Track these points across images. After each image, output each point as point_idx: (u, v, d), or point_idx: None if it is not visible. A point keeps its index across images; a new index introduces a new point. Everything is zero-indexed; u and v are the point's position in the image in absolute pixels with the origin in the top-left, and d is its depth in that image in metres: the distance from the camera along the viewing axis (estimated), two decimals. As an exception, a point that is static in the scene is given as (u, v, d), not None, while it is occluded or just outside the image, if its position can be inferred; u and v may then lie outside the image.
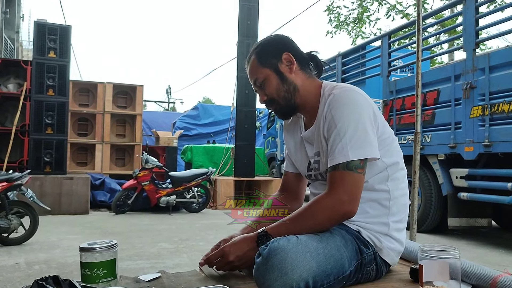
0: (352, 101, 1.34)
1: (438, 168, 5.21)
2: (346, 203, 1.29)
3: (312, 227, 1.31)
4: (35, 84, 6.78)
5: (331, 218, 1.31)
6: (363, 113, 1.33)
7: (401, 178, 1.47)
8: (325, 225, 1.33)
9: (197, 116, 14.66)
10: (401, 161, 1.48)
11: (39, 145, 6.71)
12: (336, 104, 1.35)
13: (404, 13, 16.08)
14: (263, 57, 1.49)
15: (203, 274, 1.48)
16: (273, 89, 1.48)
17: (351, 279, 1.32)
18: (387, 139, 1.42)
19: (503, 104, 4.32)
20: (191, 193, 7.30)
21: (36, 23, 6.93)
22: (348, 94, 1.36)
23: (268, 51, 1.49)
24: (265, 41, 1.53)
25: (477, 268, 1.30)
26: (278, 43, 1.51)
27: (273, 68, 1.47)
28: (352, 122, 1.31)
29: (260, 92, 1.52)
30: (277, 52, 1.48)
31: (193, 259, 3.76)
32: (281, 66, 1.47)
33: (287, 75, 1.48)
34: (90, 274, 1.23)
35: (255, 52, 1.51)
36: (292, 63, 1.48)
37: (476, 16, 4.81)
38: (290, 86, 1.47)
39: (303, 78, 1.49)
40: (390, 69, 6.26)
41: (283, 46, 1.50)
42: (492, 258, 4.15)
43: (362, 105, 1.35)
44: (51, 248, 4.13)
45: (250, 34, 8.13)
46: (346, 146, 1.29)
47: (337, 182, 1.31)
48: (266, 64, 1.48)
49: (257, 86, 1.52)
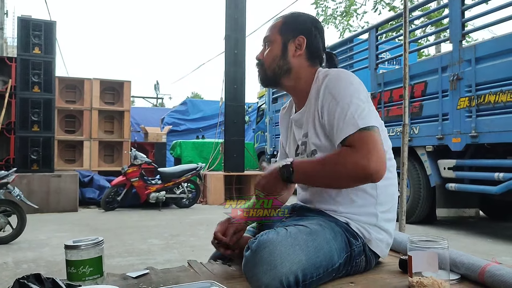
0: (348, 79, 1.36)
1: (426, 160, 5.25)
2: (375, 162, 1.21)
3: (330, 182, 1.31)
4: (20, 81, 6.67)
5: (355, 177, 1.24)
6: (360, 88, 1.35)
7: (389, 167, 1.42)
8: (343, 182, 1.30)
9: (185, 111, 14.60)
10: (389, 151, 1.46)
11: (26, 142, 6.62)
12: (334, 81, 1.37)
13: (391, 6, 16.12)
14: (285, 25, 1.52)
15: (192, 269, 1.47)
16: (270, 56, 1.52)
17: (341, 271, 1.31)
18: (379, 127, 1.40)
19: (489, 95, 4.36)
20: (180, 189, 7.28)
21: (20, 19, 6.83)
22: (343, 73, 1.39)
23: (292, 25, 1.52)
24: (299, 16, 1.55)
25: (466, 257, 1.30)
26: (305, 25, 1.52)
27: (283, 40, 1.51)
28: (354, 94, 1.31)
29: (261, 50, 1.56)
30: (297, 31, 1.50)
31: (184, 254, 3.75)
32: (290, 44, 1.50)
33: (289, 54, 1.50)
34: (76, 272, 1.20)
35: (285, 18, 1.55)
36: (300, 49, 1.50)
37: (462, 8, 4.84)
38: (284, 65, 1.50)
39: (303, 65, 1.51)
40: (377, 61, 6.29)
41: (306, 30, 1.51)
42: (481, 247, 4.20)
43: (358, 83, 1.37)
44: (39, 247, 4.08)
45: (238, 28, 8.08)
46: (353, 116, 1.27)
47: (358, 142, 1.24)
48: (283, 33, 1.51)
49: (264, 42, 1.56)
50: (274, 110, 9.93)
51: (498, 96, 4.25)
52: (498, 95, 4.25)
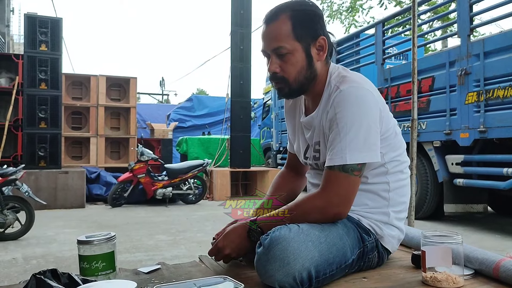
0: (358, 100, 1.25)
1: (433, 155, 5.22)
2: (337, 206, 1.26)
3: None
4: (27, 78, 6.69)
5: (321, 218, 1.27)
6: (368, 114, 1.25)
7: (403, 170, 1.43)
8: (312, 222, 1.28)
9: (191, 107, 14.60)
10: (403, 154, 1.43)
11: (33, 139, 6.64)
12: (342, 102, 1.26)
13: (397, 1, 16.00)
14: (299, 27, 1.30)
15: (203, 265, 1.47)
16: (294, 70, 1.32)
17: (353, 267, 1.31)
18: (390, 135, 1.36)
19: (498, 89, 4.32)
20: (187, 185, 7.29)
21: (27, 16, 6.83)
22: (356, 92, 1.26)
23: (308, 24, 1.31)
24: (305, 10, 1.32)
25: (480, 252, 1.29)
26: (318, 21, 1.33)
27: (305, 46, 1.31)
28: (355, 123, 1.23)
29: (275, 61, 1.32)
30: (316, 32, 1.32)
31: (191, 250, 3.76)
32: (312, 49, 1.33)
33: (314, 61, 1.34)
34: (88, 267, 1.21)
35: (290, 15, 1.30)
36: (323, 51, 1.34)
37: (470, 2, 4.79)
38: (311, 74, 1.34)
39: (323, 67, 1.38)
40: (384, 56, 6.24)
41: (321, 26, 1.33)
42: (489, 243, 4.18)
43: (368, 105, 1.26)
44: (48, 243, 4.11)
45: (244, 24, 8.06)
46: (345, 148, 1.23)
47: (331, 182, 1.26)
48: (301, 37, 1.30)
49: (275, 53, 1.32)
50: (280, 106, 9.90)
51: (507, 90, 4.21)
52: (507, 90, 4.21)
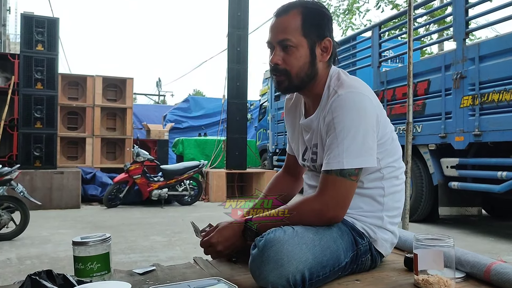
0: (356, 105, 1.26)
1: (429, 158, 5.25)
2: (333, 209, 1.27)
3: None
4: (23, 77, 6.67)
5: (317, 221, 1.28)
6: (366, 120, 1.27)
7: (398, 176, 1.44)
8: (307, 225, 1.30)
9: (188, 108, 14.59)
10: (399, 160, 1.44)
11: (29, 139, 6.62)
12: (339, 107, 1.27)
13: (394, 4, 16.07)
14: (308, 24, 1.33)
15: (198, 266, 1.47)
16: (297, 64, 1.34)
17: (347, 269, 1.32)
18: (386, 141, 1.37)
19: (493, 93, 4.35)
20: (183, 186, 7.28)
21: (23, 15, 6.81)
22: (353, 97, 1.27)
23: (317, 24, 1.34)
24: (318, 10, 1.36)
25: (471, 256, 1.30)
26: (327, 23, 1.37)
27: (310, 44, 1.34)
28: (352, 128, 1.25)
29: (278, 53, 1.34)
30: (321, 31, 1.35)
31: (187, 251, 3.76)
32: (317, 48, 1.36)
33: (317, 60, 1.36)
34: (83, 268, 1.21)
35: (301, 11, 1.33)
36: (327, 52, 1.37)
37: (466, 6, 4.83)
38: (312, 72, 1.37)
39: (324, 68, 1.40)
40: (380, 59, 6.27)
41: (328, 28, 1.37)
42: (483, 246, 4.20)
43: (365, 111, 1.27)
44: (42, 243, 4.10)
45: (241, 25, 8.07)
46: (342, 153, 1.24)
47: (328, 186, 1.27)
48: (308, 34, 1.33)
49: (280, 45, 1.34)
50: (276, 107, 9.93)
51: (502, 94, 4.24)
52: (502, 94, 4.24)
